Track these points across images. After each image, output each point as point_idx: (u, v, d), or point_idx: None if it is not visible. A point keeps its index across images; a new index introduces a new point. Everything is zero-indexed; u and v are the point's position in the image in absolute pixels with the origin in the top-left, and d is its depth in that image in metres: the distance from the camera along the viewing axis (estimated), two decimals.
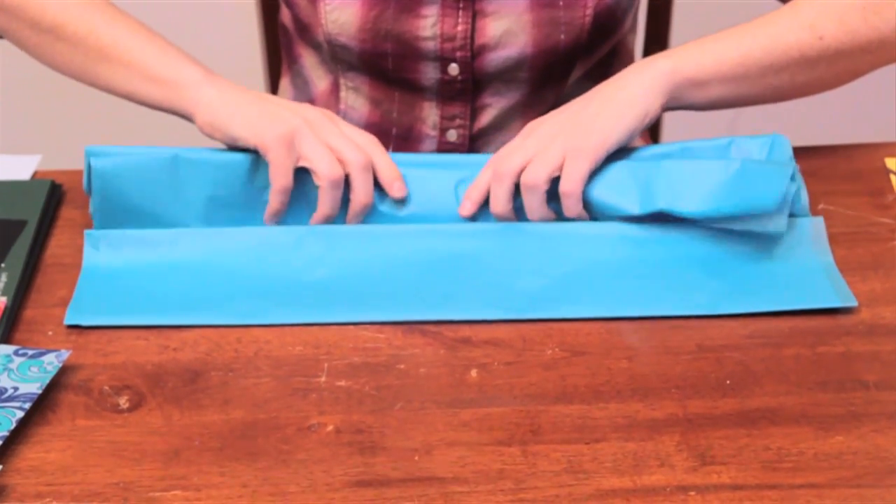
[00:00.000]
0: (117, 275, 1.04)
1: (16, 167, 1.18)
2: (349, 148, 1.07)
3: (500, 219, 1.08)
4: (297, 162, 1.06)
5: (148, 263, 1.05)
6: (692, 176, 1.04)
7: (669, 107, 1.09)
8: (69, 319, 1.01)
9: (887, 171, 1.16)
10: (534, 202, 1.06)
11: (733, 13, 1.58)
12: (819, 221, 1.07)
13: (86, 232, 1.06)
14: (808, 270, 1.04)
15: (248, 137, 1.06)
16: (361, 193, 1.07)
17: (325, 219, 1.08)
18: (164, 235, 1.06)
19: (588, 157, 1.05)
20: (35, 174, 1.18)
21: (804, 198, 1.08)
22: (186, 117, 1.10)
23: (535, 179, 1.05)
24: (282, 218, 1.08)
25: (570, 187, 1.05)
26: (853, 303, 1.01)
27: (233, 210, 1.08)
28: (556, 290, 1.03)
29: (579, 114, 1.08)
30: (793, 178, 1.04)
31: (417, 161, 1.11)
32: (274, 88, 1.47)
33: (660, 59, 1.09)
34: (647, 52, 1.47)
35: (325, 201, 1.07)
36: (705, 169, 1.04)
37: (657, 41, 1.46)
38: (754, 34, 1.09)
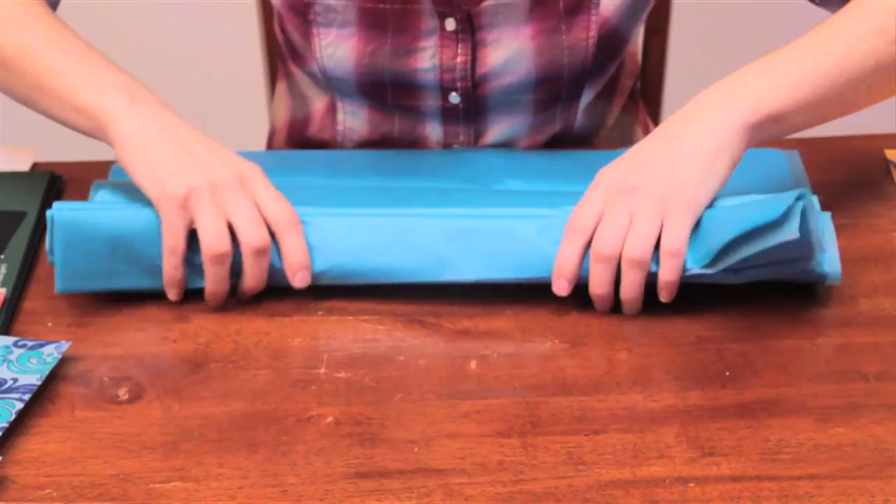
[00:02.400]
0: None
1: (15, 159, 1.18)
2: (249, 226, 0.99)
3: (600, 300, 1.00)
4: (190, 224, 0.98)
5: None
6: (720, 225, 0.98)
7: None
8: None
9: (887, 163, 1.16)
10: (637, 278, 0.97)
11: (733, 5, 1.58)
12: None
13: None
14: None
15: (147, 189, 0.99)
16: (249, 278, 1.00)
17: (211, 296, 1.00)
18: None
19: (689, 213, 0.97)
20: (34, 166, 1.18)
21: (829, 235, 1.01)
22: None
23: (643, 254, 0.97)
24: (185, 287, 1.01)
25: (677, 245, 0.96)
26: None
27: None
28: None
29: (661, 162, 0.99)
30: (800, 198, 0.96)
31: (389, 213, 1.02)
32: (273, 89, 1.44)
33: (736, 99, 0.99)
34: (647, 45, 1.46)
35: (208, 275, 0.99)
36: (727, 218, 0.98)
37: (657, 32, 1.46)
38: (827, 48, 1.01)
